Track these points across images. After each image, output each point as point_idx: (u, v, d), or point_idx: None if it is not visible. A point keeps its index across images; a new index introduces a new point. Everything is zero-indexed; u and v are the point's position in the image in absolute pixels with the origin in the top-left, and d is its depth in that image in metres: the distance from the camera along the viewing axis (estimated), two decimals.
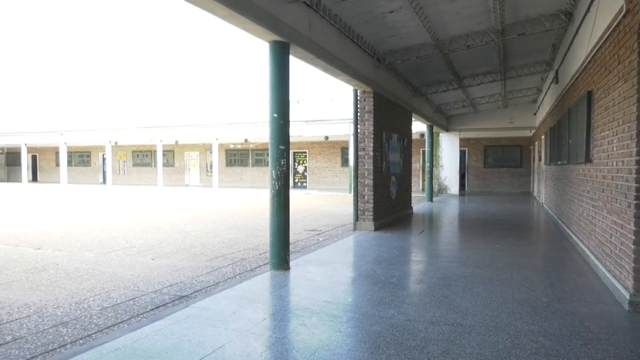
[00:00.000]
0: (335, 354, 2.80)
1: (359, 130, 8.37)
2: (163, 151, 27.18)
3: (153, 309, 3.82)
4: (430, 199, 15.28)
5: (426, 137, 15.54)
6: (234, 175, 28.80)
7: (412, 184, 12.14)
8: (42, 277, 4.88)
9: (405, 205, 11.00)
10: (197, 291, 4.38)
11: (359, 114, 8.35)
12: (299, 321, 3.39)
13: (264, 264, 5.58)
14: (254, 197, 18.58)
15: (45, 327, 3.36)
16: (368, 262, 5.55)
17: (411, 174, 11.76)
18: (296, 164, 26.14)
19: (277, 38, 4.89)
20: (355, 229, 8.34)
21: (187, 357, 2.71)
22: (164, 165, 28.59)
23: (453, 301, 3.91)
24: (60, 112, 30.95)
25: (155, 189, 25.14)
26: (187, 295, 4.23)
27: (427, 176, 15.59)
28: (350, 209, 11.81)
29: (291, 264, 5.24)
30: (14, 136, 31.55)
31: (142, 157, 32.20)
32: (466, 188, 21.78)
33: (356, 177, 8.38)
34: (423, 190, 20.22)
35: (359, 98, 8.33)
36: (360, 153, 8.37)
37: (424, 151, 18.99)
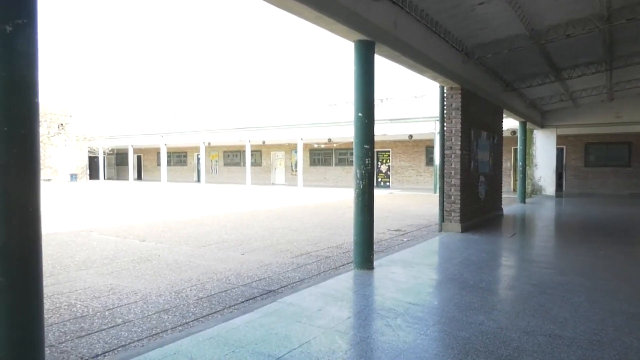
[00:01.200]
0: (421, 357, 2.75)
1: (445, 128, 8.10)
2: (251, 151, 28.44)
3: (243, 302, 4.01)
4: (523, 200, 14.36)
5: (518, 135, 14.63)
6: (317, 175, 29.30)
7: (503, 184, 11.50)
8: (146, 267, 5.35)
9: (495, 207, 10.45)
10: (284, 287, 4.53)
11: (445, 112, 8.09)
12: (384, 322, 3.37)
13: (347, 263, 5.62)
14: (337, 196, 18.77)
15: (149, 313, 3.67)
16: (455, 265, 5.36)
17: (501, 174, 11.15)
18: (379, 163, 25.95)
19: (362, 37, 4.90)
20: (440, 230, 8.09)
21: (275, 350, 2.82)
22: (252, 164, 29.89)
23: (550, 310, 3.65)
24: (161, 116, 33.65)
25: (243, 187, 26.38)
26: (274, 290, 4.38)
27: (519, 176, 14.67)
28: (435, 209, 11.48)
29: (375, 263, 5.22)
30: (122, 139, 34.86)
31: (232, 157, 33.92)
32: (563, 189, 20.15)
33: (442, 176, 8.13)
34: (514, 190, 19.05)
35: (445, 95, 8.06)
36: (446, 152, 8.10)
37: (515, 149, 17.87)
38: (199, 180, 33.41)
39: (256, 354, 2.75)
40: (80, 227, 8.87)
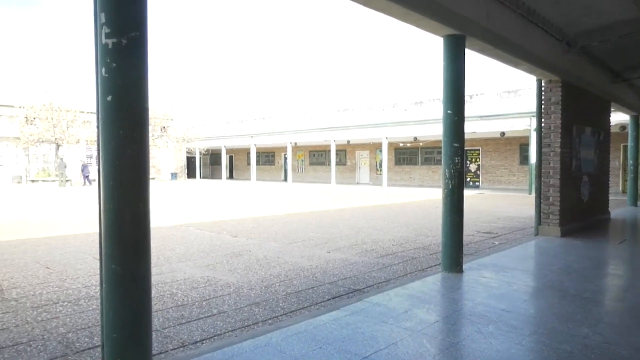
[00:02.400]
0: None
1: (543, 125, 7.55)
2: (336, 150, 28.72)
3: (329, 299, 4.07)
4: (634, 203, 12.93)
5: (629, 130, 13.18)
6: (402, 174, 28.83)
7: (610, 185, 10.44)
8: (238, 261, 5.63)
9: (601, 209, 9.53)
10: (369, 286, 4.52)
11: (543, 107, 7.53)
12: (474, 327, 3.23)
13: (434, 265, 5.46)
14: (422, 196, 18.32)
15: (242, 305, 3.86)
16: (553, 272, 4.98)
17: (608, 174, 10.13)
18: (468, 162, 24.87)
19: (452, 32, 4.73)
20: (537, 234, 7.55)
21: (362, 349, 2.82)
22: (337, 163, 30.18)
23: None
24: (251, 119, 35.22)
25: (328, 186, 26.74)
26: (360, 290, 4.39)
27: (629, 176, 13.22)
28: (530, 211, 10.75)
29: (464, 267, 5.01)
30: (216, 140, 37.01)
31: (318, 156, 34.51)
32: None
33: (539, 176, 7.58)
34: (624, 192, 17.23)
35: (543, 88, 7.51)
36: (544, 150, 7.54)
37: (625, 146, 16.14)
38: (285, 179, 34.45)
39: (343, 352, 2.78)
40: (180, 222, 9.58)
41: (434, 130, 22.20)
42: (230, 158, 42.08)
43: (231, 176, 41.79)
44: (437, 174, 26.75)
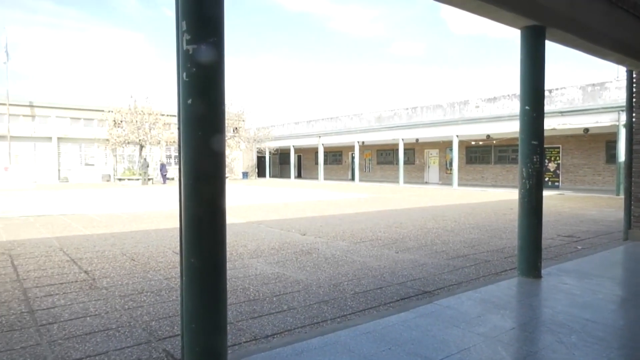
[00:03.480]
0: None
1: (634, 120, 6.92)
2: (404, 149, 28.26)
3: (398, 300, 4.02)
4: None
5: None
6: (474, 173, 27.77)
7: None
8: (307, 259, 5.72)
9: None
10: (440, 289, 4.40)
11: (634, 100, 6.91)
12: (554, 337, 3.03)
13: (510, 269, 5.20)
14: (496, 196, 17.52)
15: (311, 303, 3.92)
16: None
17: None
18: (547, 161, 23.41)
19: (530, 23, 4.47)
20: (626, 239, 6.95)
21: (432, 353, 2.76)
22: (405, 163, 29.68)
23: None
24: (318, 119, 35.63)
25: (396, 186, 26.39)
26: (429, 292, 4.29)
27: None
28: (617, 214, 9.90)
29: (543, 272, 4.73)
30: (285, 140, 37.85)
31: (385, 155, 34.18)
32: None
33: (629, 175, 6.96)
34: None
35: (635, 80, 6.89)
36: (635, 147, 6.91)
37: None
38: (352, 178, 34.45)
39: (413, 355, 2.73)
40: (251, 219, 9.91)
41: (509, 128, 21.15)
42: (299, 157, 42.86)
43: (299, 175, 42.55)
44: (511, 174, 25.45)
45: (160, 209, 12.40)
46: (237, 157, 40.38)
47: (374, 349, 2.80)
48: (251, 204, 13.96)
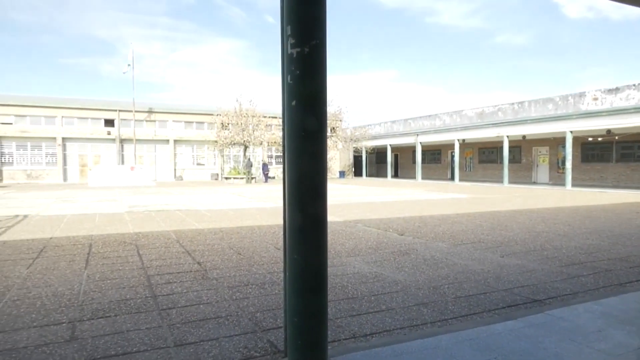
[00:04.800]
0: None
1: None
2: (509, 147, 26.54)
3: (504, 307, 3.79)
4: None
5: None
6: (591, 173, 25.20)
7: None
8: (405, 260, 5.64)
9: None
10: (552, 298, 4.06)
11: None
12: None
13: (636, 280, 4.64)
14: (617, 198, 15.71)
15: (409, 304, 3.86)
16: None
17: None
18: None
19: None
20: None
21: None
22: (510, 161, 27.88)
23: None
24: (416, 117, 34.87)
25: (499, 186, 24.89)
26: (540, 300, 3.98)
27: None
28: None
29: None
30: (381, 139, 37.62)
31: (488, 153, 32.42)
32: None
33: None
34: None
35: None
36: None
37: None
38: (452, 178, 33.18)
39: None
40: (348, 218, 10.01)
41: (635, 121, 18.83)
42: (396, 156, 42.32)
43: (396, 174, 42.01)
44: (637, 173, 22.64)
45: (262, 207, 13.04)
46: (334, 156, 41.03)
47: (477, 357, 2.67)
48: (348, 203, 14.10)
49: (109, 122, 35.87)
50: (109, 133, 35.65)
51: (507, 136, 25.94)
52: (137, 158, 36.04)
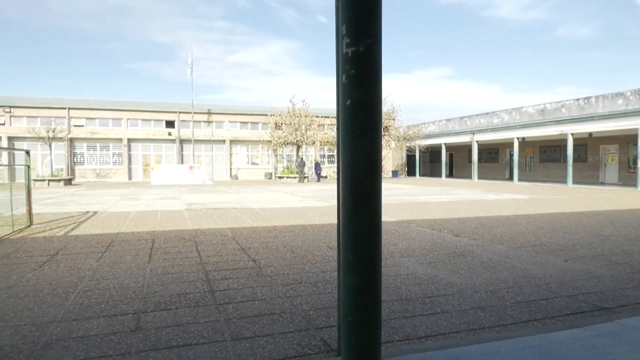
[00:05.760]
0: None
1: None
2: (573, 145, 25.10)
3: (568, 315, 3.59)
4: None
5: None
6: None
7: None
8: (461, 261, 5.48)
9: None
10: (622, 306, 3.81)
11: None
12: None
13: None
14: None
15: (466, 308, 3.75)
16: None
17: None
18: None
19: None
20: None
21: None
22: (574, 160, 26.38)
23: None
24: (472, 115, 33.79)
25: (563, 187, 23.62)
26: (608, 308, 3.74)
27: None
28: None
29: None
30: (436, 138, 36.81)
31: (550, 152, 30.88)
32: None
33: None
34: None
35: None
36: None
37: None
38: (511, 177, 31.88)
39: None
40: (401, 218, 9.87)
41: None
42: (450, 155, 41.25)
43: (451, 174, 40.94)
44: None
45: (315, 206, 13.15)
46: (387, 155, 40.60)
47: None
48: (401, 203, 13.90)
49: (170, 124, 37.54)
50: (169, 134, 37.31)
51: (572, 134, 24.55)
52: (195, 158, 37.47)
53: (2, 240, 7.04)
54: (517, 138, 28.61)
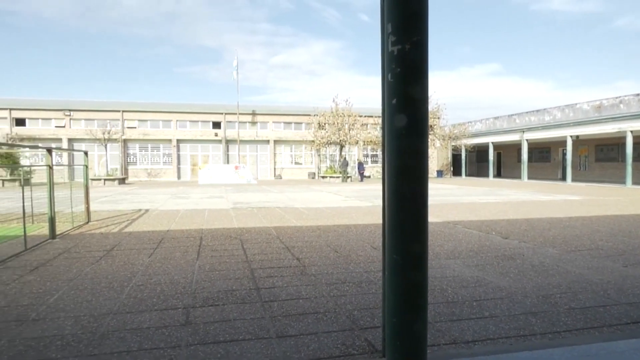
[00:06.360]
0: None
1: None
2: (633, 144, 23.64)
3: (628, 323, 3.39)
4: None
5: None
6: None
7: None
8: (510, 264, 5.29)
9: None
10: None
11: None
12: None
13: None
14: None
15: (516, 313, 3.62)
16: None
17: None
18: None
19: None
20: None
21: None
22: (634, 159, 24.86)
23: None
24: (522, 112, 32.56)
25: (621, 188, 22.31)
26: None
27: None
28: None
29: None
30: (483, 137, 35.76)
31: (607, 151, 29.29)
32: None
33: None
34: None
35: None
36: None
37: None
38: (563, 178, 30.49)
39: None
40: (447, 219, 9.66)
41: None
42: (498, 155, 39.95)
43: (498, 174, 39.64)
44: None
45: (358, 205, 13.10)
46: (432, 155, 39.86)
47: None
48: (446, 203, 13.60)
49: (216, 125, 38.55)
50: (216, 135, 38.31)
51: (631, 131, 23.14)
52: (240, 158, 38.29)
53: (64, 236, 7.48)
54: (571, 136, 27.30)
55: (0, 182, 24.39)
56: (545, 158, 35.20)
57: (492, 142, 34.87)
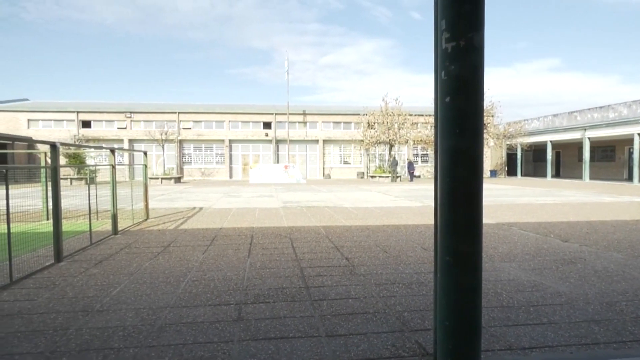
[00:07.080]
0: None
1: None
2: None
3: None
4: None
5: None
6: None
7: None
8: (570, 269, 5.03)
9: None
10: None
11: None
12: None
13: None
14: None
15: (577, 320, 3.43)
16: None
17: None
18: None
19: None
20: None
21: None
22: None
23: None
24: (583, 109, 30.85)
25: None
26: None
27: None
28: None
29: None
30: (540, 135, 34.22)
31: None
32: None
33: None
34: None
35: None
36: None
37: None
38: (630, 178, 28.58)
39: None
40: (502, 220, 9.32)
41: None
42: (557, 154, 38.06)
43: (557, 174, 37.76)
44: None
45: (408, 206, 12.91)
46: (485, 154, 38.56)
47: None
48: (500, 204, 13.12)
49: (267, 125, 39.29)
50: (266, 135, 39.04)
51: None
52: (290, 157, 38.79)
53: (125, 232, 7.90)
54: (638, 134, 25.54)
55: (69, 181, 26.08)
56: (609, 157, 33.14)
57: (551, 141, 33.26)
